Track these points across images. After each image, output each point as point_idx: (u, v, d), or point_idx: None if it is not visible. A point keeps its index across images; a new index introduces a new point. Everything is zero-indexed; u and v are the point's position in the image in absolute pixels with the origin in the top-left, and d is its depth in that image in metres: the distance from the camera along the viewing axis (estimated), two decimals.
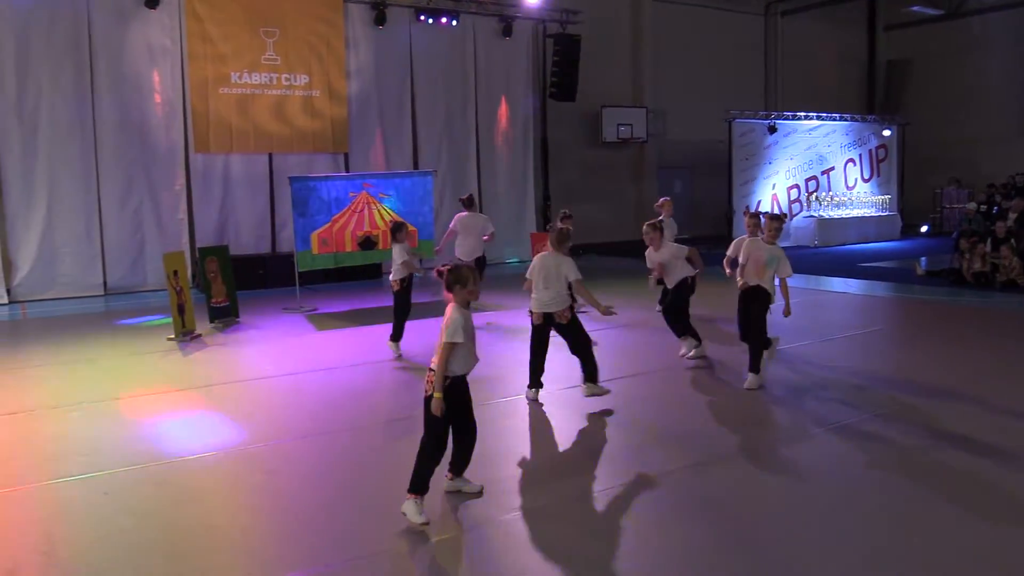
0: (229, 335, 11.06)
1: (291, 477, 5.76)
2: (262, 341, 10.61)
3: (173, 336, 10.57)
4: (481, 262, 12.01)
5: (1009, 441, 6.09)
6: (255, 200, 16.57)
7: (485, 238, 12.14)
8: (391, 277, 9.41)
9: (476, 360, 5.06)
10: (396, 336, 9.35)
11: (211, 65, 15.75)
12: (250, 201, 16.51)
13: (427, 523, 4.80)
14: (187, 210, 15.87)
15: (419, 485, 4.86)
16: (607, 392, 7.30)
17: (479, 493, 5.24)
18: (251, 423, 7.03)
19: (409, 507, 4.83)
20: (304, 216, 13.19)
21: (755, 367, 7.66)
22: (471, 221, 12.19)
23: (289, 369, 8.97)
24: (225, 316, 11.90)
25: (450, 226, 12.43)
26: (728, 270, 8.58)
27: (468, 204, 12.33)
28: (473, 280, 4.99)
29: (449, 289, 4.99)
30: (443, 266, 5.05)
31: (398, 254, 9.23)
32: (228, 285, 12.03)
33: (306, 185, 13.40)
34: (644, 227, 8.83)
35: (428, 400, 4.89)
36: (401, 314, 9.32)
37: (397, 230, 9.32)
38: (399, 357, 9.21)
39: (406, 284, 9.35)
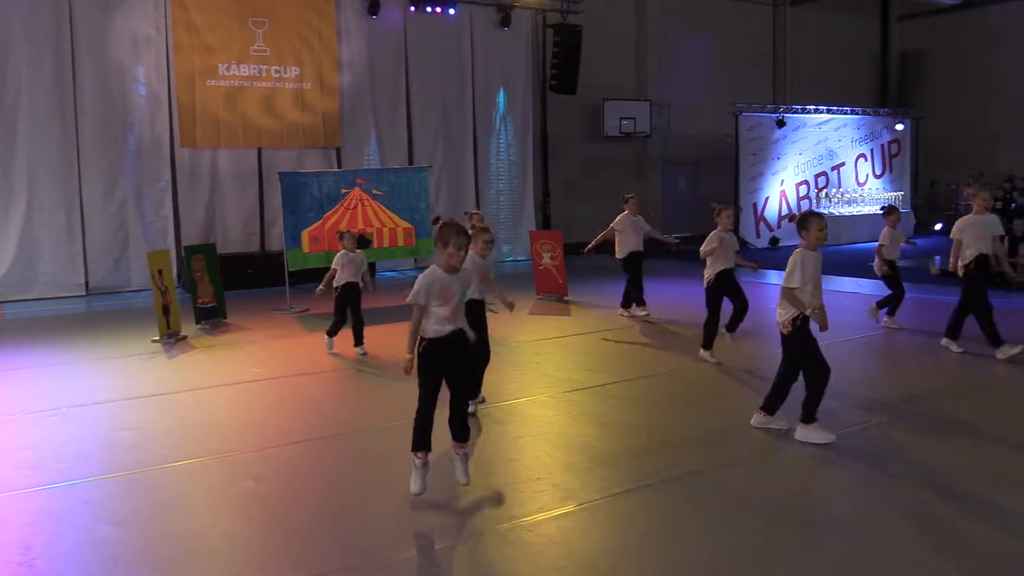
0: (216, 337, 11.04)
1: (280, 484, 5.74)
2: (250, 343, 10.60)
3: (158, 338, 10.56)
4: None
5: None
6: (243, 197, 16.57)
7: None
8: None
9: (456, 324, 5.14)
10: (332, 332, 9.77)
11: (198, 56, 15.75)
12: (238, 198, 16.51)
13: (420, 492, 5.11)
14: (172, 207, 15.89)
15: (414, 442, 5.18)
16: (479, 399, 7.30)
17: (463, 484, 5.34)
18: (239, 428, 7.03)
19: (413, 469, 5.19)
20: (295, 213, 13.18)
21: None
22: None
23: (279, 372, 8.96)
24: (212, 317, 11.89)
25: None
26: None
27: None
28: (455, 244, 5.04)
29: (436, 245, 5.18)
30: (438, 217, 5.20)
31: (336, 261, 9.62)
32: (215, 285, 12.02)
33: (297, 181, 13.39)
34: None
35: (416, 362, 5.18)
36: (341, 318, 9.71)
37: (343, 238, 9.75)
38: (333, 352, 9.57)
39: (341, 289, 9.56)
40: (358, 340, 9.69)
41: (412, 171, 14.72)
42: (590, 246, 11.84)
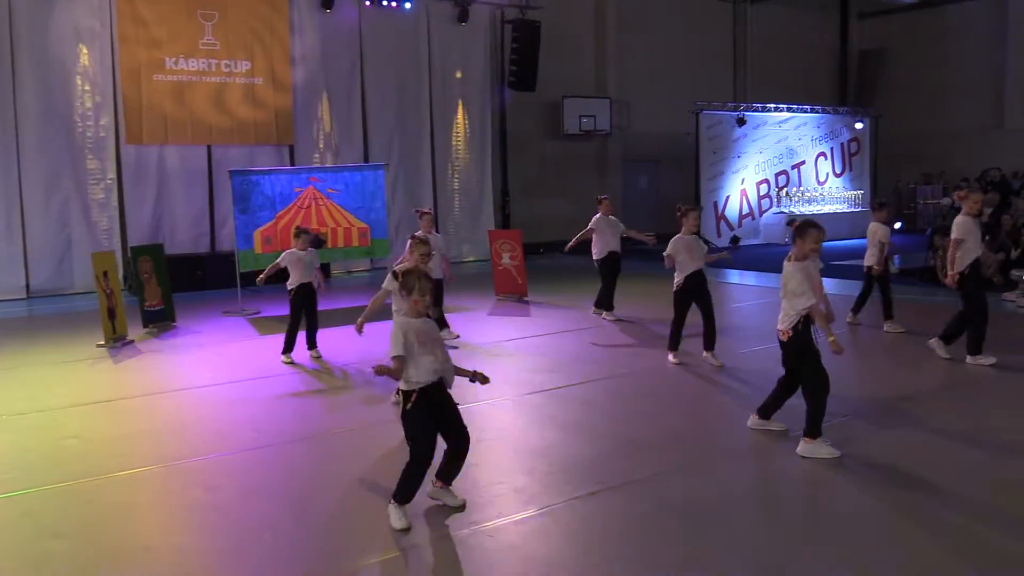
0: (164, 341, 10.91)
1: (233, 493, 5.69)
2: (201, 347, 10.50)
3: (103, 342, 10.41)
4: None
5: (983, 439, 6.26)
6: (192, 195, 16.38)
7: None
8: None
9: (443, 366, 5.04)
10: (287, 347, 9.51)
11: (144, 50, 15.53)
12: (187, 196, 16.32)
13: (407, 528, 4.94)
14: (118, 206, 15.67)
15: (400, 495, 5.03)
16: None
17: (462, 507, 5.25)
18: (189, 436, 6.95)
19: (391, 511, 5.02)
20: (246, 213, 13.07)
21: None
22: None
23: (231, 377, 8.88)
24: (160, 320, 11.75)
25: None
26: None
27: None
28: (419, 289, 4.98)
29: (403, 291, 5.05)
30: (397, 266, 5.06)
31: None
32: (163, 287, 11.89)
33: (248, 179, 13.28)
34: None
35: (404, 416, 4.99)
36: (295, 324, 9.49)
37: (298, 236, 9.49)
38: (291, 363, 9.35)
39: (296, 292, 9.37)
40: (311, 343, 9.63)
41: (368, 169, 14.67)
42: (570, 244, 11.85)
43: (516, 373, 8.74)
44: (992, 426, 6.76)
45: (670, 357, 9.06)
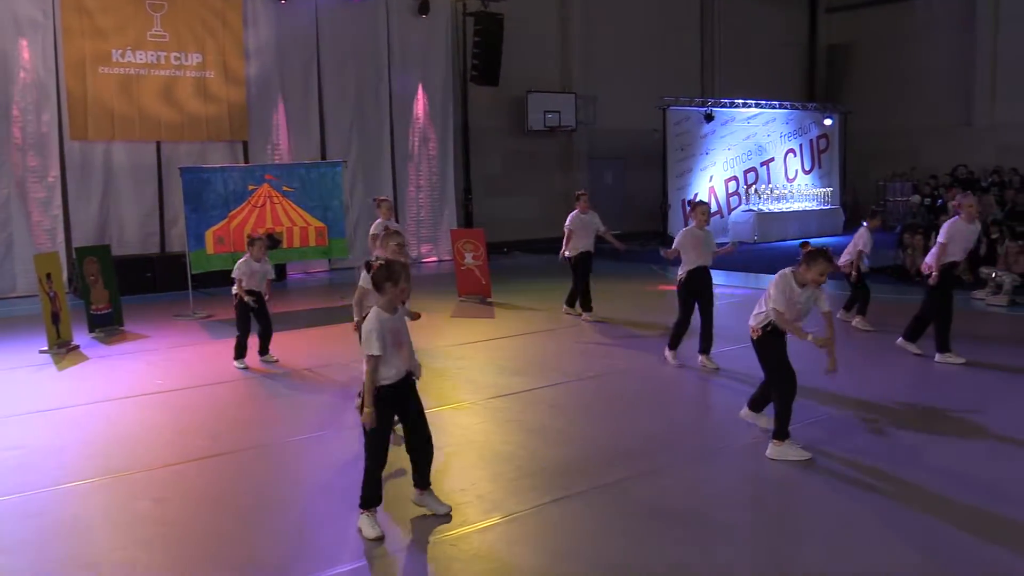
0: (112, 346, 10.77)
1: (183, 504, 5.63)
2: (150, 352, 10.37)
3: (47, 348, 10.25)
4: None
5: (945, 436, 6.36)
6: (141, 194, 16.18)
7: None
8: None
9: (409, 364, 5.07)
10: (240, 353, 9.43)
11: (89, 41, 15.29)
12: (135, 195, 16.11)
13: (380, 537, 4.92)
14: (62, 205, 15.41)
15: (366, 499, 5.01)
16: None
17: (447, 514, 5.23)
18: (136, 445, 6.85)
19: (362, 522, 5.00)
20: (197, 212, 12.93)
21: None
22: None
23: (182, 383, 8.77)
24: (107, 325, 11.60)
25: None
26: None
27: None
28: (405, 277, 5.00)
29: (378, 288, 4.97)
30: (375, 260, 5.04)
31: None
32: (110, 290, 11.74)
33: (200, 177, 13.14)
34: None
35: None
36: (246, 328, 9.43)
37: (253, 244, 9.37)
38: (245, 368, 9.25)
39: (242, 300, 9.26)
40: (264, 348, 9.53)
41: (325, 166, 14.57)
42: (563, 252, 11.63)
43: (480, 376, 8.72)
44: (963, 426, 6.87)
45: (668, 357, 9.02)
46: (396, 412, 5.14)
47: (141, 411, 7.84)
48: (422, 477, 5.28)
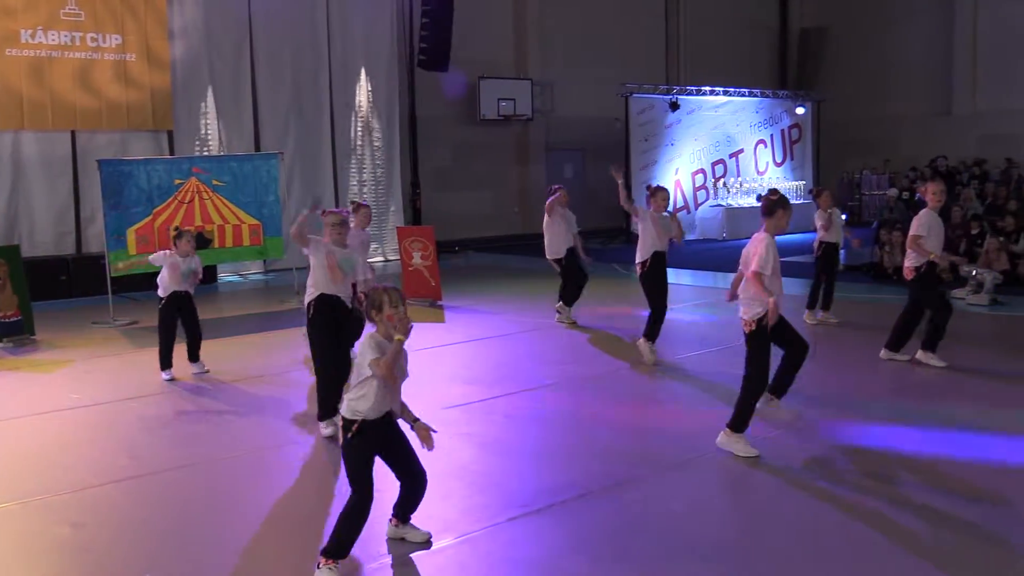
0: (22, 357, 10.63)
1: (103, 529, 5.58)
2: (65, 363, 10.24)
3: None
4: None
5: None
6: (54, 189, 15.98)
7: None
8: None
9: (396, 400, 5.01)
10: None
11: None
12: (48, 190, 15.91)
13: None
14: None
15: (334, 549, 4.73)
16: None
17: (427, 543, 5.20)
18: (51, 466, 6.76)
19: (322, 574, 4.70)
20: (118, 208, 12.82)
21: None
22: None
23: (101, 397, 8.67)
24: (16, 333, 11.43)
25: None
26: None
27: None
28: (391, 303, 4.79)
29: (369, 318, 4.91)
30: (362, 292, 4.95)
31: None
32: (20, 294, 11.57)
33: (120, 170, 13.03)
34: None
35: (345, 447, 4.87)
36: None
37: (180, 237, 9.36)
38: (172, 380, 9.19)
39: (167, 301, 9.25)
40: (193, 356, 9.44)
41: (259, 158, 14.49)
42: (579, 249, 11.75)
43: (431, 386, 8.71)
44: (940, 424, 7.02)
45: (644, 346, 9.29)
46: (381, 454, 4.99)
47: (54, 428, 7.74)
48: (405, 512, 5.21)
